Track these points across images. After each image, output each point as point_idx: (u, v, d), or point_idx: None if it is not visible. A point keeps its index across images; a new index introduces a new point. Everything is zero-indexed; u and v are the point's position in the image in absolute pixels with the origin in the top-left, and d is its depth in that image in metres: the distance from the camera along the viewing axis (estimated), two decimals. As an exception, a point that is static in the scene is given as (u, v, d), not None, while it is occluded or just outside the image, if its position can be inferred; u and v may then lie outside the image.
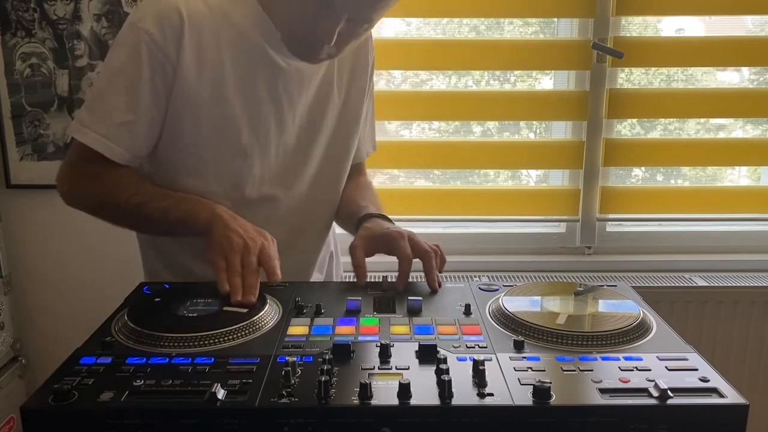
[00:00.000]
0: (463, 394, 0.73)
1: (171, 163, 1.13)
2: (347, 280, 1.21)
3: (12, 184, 1.92)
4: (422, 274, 1.09)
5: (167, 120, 1.09)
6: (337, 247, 1.39)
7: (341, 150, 1.25)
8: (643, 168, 2.20)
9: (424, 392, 0.73)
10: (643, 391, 0.74)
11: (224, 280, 0.98)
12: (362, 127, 1.30)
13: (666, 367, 0.79)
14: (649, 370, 0.78)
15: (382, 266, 1.16)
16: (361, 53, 1.26)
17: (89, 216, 1.14)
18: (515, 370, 0.78)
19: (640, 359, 0.81)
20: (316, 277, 1.30)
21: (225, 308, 0.94)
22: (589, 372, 0.78)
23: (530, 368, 0.79)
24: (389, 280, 1.08)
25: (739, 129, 2.20)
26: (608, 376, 0.77)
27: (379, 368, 0.78)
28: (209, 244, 1.03)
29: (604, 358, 0.81)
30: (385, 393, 0.72)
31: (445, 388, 0.72)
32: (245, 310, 0.93)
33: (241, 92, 1.10)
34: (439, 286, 1.07)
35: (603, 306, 0.98)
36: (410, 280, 1.09)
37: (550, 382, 0.72)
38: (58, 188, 1.15)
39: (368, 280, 1.10)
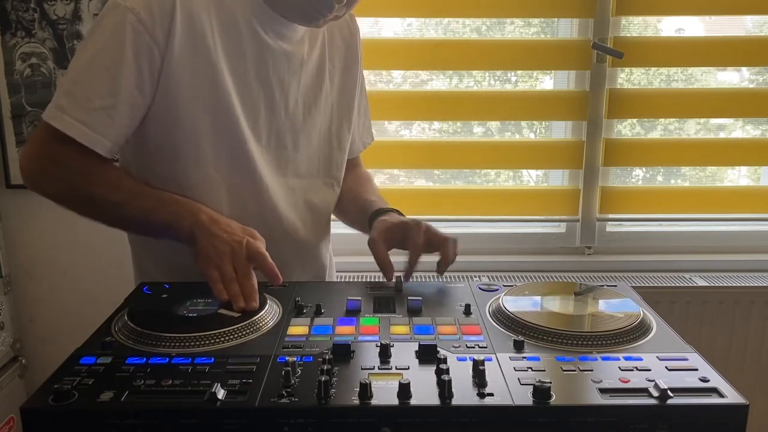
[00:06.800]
0: (463, 394, 0.73)
1: (171, 153, 1.09)
2: (346, 280, 1.20)
3: (12, 184, 1.92)
4: (424, 273, 1.09)
5: (163, 107, 1.05)
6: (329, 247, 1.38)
7: (334, 141, 1.24)
8: (643, 168, 2.20)
9: (424, 392, 0.73)
10: (643, 391, 0.74)
11: (221, 290, 0.97)
12: (356, 119, 1.29)
13: (666, 367, 0.79)
14: (649, 370, 0.78)
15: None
16: (352, 43, 1.25)
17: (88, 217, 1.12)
18: (515, 370, 0.78)
19: (640, 359, 0.81)
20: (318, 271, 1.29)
21: (220, 311, 0.93)
22: (589, 372, 0.78)
23: (530, 368, 0.79)
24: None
25: (739, 129, 2.20)
26: (608, 376, 0.77)
27: (379, 368, 0.78)
28: (197, 255, 1.01)
29: (604, 358, 0.81)
30: (385, 393, 0.72)
31: (445, 388, 0.72)
32: (238, 314, 0.92)
33: (232, 74, 1.07)
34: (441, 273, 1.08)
35: (603, 306, 0.98)
36: (409, 280, 1.09)
37: (550, 382, 0.72)
38: (22, 169, 1.09)
39: (368, 280, 1.10)
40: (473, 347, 0.84)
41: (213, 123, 1.08)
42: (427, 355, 0.80)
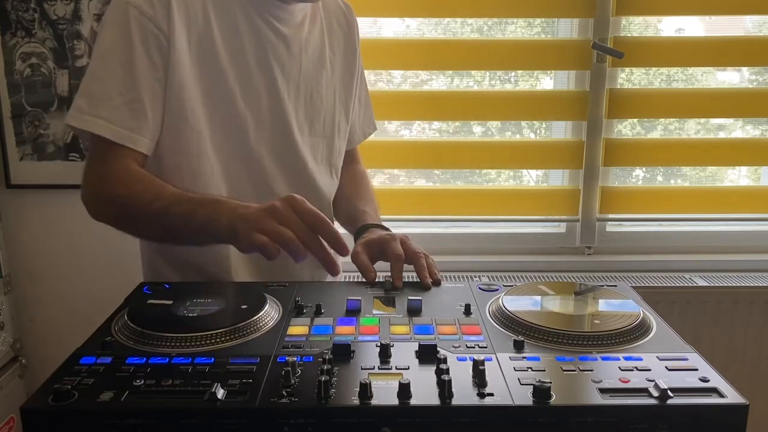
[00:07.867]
0: (463, 394, 0.73)
1: (173, 141, 1.08)
2: (346, 280, 1.21)
3: (12, 184, 1.92)
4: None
5: (169, 98, 1.05)
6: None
7: (336, 129, 1.26)
8: (643, 168, 2.20)
9: (424, 392, 0.73)
10: (643, 391, 0.74)
11: (273, 251, 0.88)
12: (356, 109, 1.32)
13: (666, 367, 0.79)
14: (649, 370, 0.78)
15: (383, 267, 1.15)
16: (350, 34, 1.28)
17: (89, 216, 1.10)
18: (515, 370, 0.78)
19: (640, 359, 0.81)
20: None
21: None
22: (589, 372, 0.78)
23: (530, 368, 0.78)
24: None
25: (739, 129, 2.20)
26: (608, 376, 0.77)
27: (379, 368, 0.78)
28: (240, 243, 0.93)
29: (604, 358, 0.81)
30: (385, 393, 0.72)
31: (445, 388, 0.72)
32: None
33: (231, 59, 1.09)
34: (438, 284, 1.07)
35: (603, 306, 0.98)
36: (407, 280, 1.09)
37: (550, 382, 0.72)
38: (83, 202, 1.07)
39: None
40: (473, 347, 0.84)
41: (212, 110, 1.08)
42: (427, 355, 0.80)
